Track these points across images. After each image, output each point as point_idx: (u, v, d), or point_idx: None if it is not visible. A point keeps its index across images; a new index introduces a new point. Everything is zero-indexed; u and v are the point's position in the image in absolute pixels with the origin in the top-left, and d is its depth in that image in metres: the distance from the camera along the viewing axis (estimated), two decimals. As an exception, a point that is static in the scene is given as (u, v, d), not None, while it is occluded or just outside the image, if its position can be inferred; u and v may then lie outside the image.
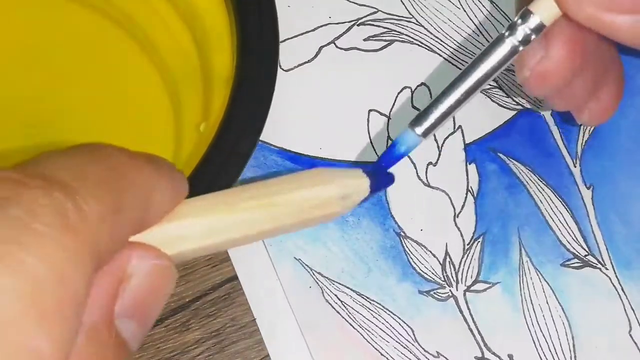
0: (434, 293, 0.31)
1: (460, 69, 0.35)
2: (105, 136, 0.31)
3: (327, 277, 0.31)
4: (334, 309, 0.30)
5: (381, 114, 0.34)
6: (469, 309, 0.31)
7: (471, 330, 0.31)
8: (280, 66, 0.34)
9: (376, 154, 0.33)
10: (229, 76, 0.29)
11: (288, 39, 0.34)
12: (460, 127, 0.34)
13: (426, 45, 0.35)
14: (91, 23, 0.32)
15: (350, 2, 0.35)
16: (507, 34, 0.24)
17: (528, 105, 0.34)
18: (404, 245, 0.31)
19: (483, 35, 0.35)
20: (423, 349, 0.30)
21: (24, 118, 0.31)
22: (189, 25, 0.32)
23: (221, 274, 0.31)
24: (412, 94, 0.34)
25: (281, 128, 0.33)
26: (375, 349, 0.30)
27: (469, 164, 0.33)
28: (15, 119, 0.31)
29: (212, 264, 0.31)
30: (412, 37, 0.35)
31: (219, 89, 0.30)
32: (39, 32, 0.32)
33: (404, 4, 0.36)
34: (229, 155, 0.27)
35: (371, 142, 0.33)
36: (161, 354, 0.29)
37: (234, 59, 0.29)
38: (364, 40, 0.35)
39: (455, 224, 0.32)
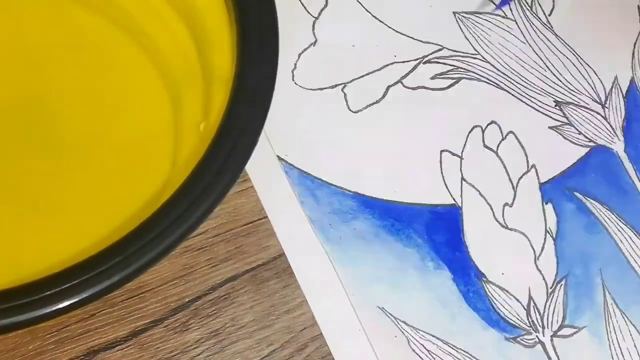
0: (521, 339, 0.30)
1: (528, 105, 0.34)
2: (105, 136, 0.31)
3: (411, 326, 0.30)
4: (421, 358, 0.30)
5: (453, 154, 0.33)
6: (557, 355, 0.30)
7: (559, 376, 0.30)
8: (348, 107, 0.33)
9: (451, 196, 0.32)
10: (229, 76, 0.29)
11: (355, 79, 0.34)
12: (534, 165, 0.33)
13: (493, 82, 0.35)
14: (91, 23, 0.32)
15: (414, 39, 0.35)
16: None
17: (600, 142, 0.34)
18: (487, 290, 0.31)
19: (550, 69, 0.35)
20: (512, 397, 0.30)
21: (24, 118, 0.31)
22: (189, 25, 0.31)
23: (221, 274, 0.30)
24: (482, 133, 0.34)
25: (354, 173, 0.32)
26: (463, 398, 0.29)
27: (546, 204, 0.33)
28: (14, 119, 0.30)
29: (212, 264, 0.30)
30: (478, 74, 0.35)
31: (219, 89, 0.29)
32: (38, 33, 0.32)
33: (468, 39, 0.35)
34: (229, 155, 0.27)
35: (445, 184, 0.33)
36: (161, 354, 0.29)
37: (234, 59, 0.29)
38: (431, 78, 0.34)
39: (537, 267, 0.31)
